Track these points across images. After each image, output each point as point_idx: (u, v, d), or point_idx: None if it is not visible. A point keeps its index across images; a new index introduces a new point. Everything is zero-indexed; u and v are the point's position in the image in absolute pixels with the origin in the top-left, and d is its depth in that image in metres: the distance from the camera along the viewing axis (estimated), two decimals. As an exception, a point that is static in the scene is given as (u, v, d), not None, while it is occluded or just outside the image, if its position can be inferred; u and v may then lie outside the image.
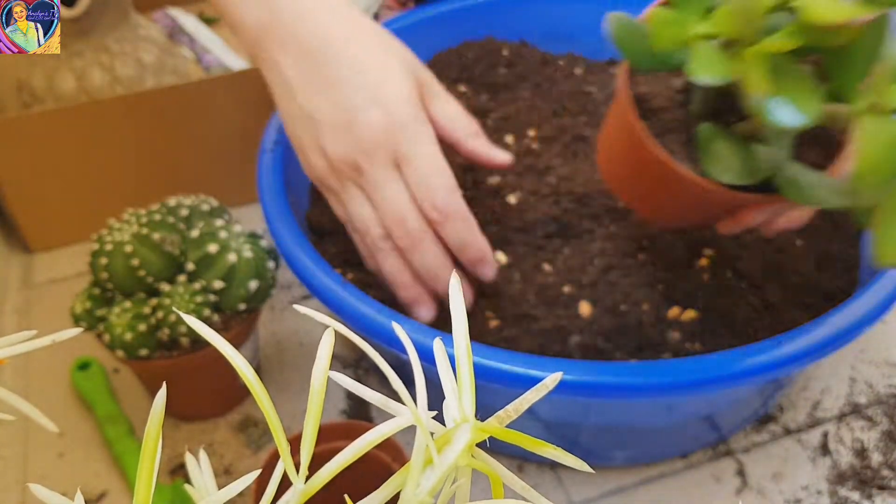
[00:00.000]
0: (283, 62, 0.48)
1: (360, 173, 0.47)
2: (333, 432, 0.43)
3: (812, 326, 0.44)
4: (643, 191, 0.46)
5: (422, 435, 0.22)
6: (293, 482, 0.22)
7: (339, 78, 0.47)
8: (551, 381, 0.25)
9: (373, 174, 0.46)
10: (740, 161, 0.39)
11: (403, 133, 0.46)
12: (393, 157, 0.46)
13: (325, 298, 0.47)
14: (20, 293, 0.70)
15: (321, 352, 0.23)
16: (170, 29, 0.96)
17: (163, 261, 0.51)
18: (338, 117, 0.46)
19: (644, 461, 0.54)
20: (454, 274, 0.27)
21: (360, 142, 0.46)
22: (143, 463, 0.22)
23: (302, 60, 0.47)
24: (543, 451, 0.24)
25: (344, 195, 0.48)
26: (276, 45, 0.48)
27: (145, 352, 0.51)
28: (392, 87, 0.47)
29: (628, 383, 0.42)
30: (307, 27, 0.47)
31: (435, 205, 0.47)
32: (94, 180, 0.71)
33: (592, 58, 0.73)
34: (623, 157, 0.45)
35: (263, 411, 0.22)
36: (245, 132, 0.70)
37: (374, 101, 0.46)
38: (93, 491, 0.54)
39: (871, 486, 0.52)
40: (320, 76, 0.47)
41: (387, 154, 0.46)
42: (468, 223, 0.48)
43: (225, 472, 0.55)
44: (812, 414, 0.57)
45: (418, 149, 0.47)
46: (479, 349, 0.43)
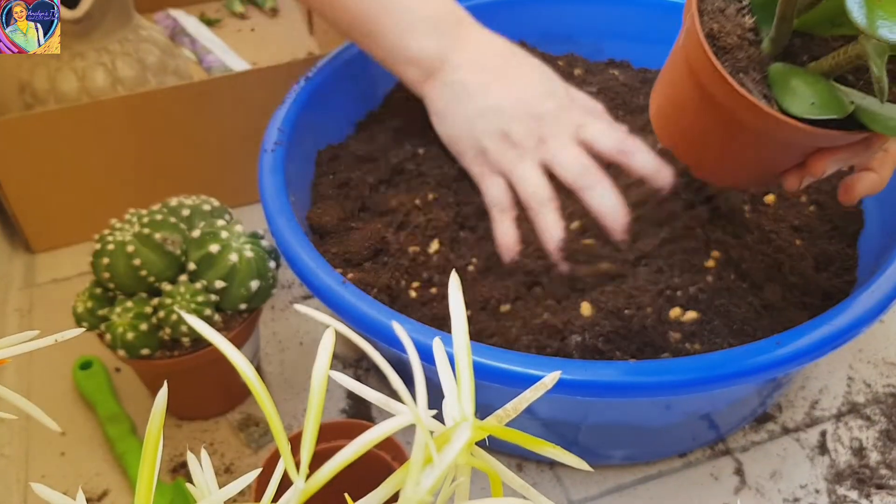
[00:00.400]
0: (461, 76, 0.58)
1: (544, 143, 0.56)
2: (334, 431, 0.43)
3: (811, 326, 0.44)
4: (707, 141, 0.45)
5: (421, 434, 0.22)
6: (294, 481, 0.22)
7: (514, 80, 0.58)
8: (550, 380, 0.25)
9: (557, 142, 0.56)
10: (822, 95, 0.38)
11: (573, 113, 0.58)
12: (572, 128, 0.57)
13: (326, 298, 0.48)
14: (22, 293, 0.70)
15: (321, 351, 0.23)
16: (171, 30, 0.96)
17: (164, 261, 0.51)
18: (523, 108, 0.57)
19: (643, 460, 0.54)
20: (453, 274, 0.27)
21: (542, 122, 0.57)
22: (145, 462, 0.22)
23: (479, 73, 0.58)
24: (542, 450, 0.25)
25: (519, 169, 0.56)
26: (451, 67, 0.58)
27: (147, 351, 0.51)
28: (556, 84, 0.59)
29: (627, 382, 0.42)
30: (480, 52, 0.59)
31: (620, 144, 0.56)
32: (96, 180, 0.71)
33: (592, 59, 0.73)
34: (686, 103, 0.44)
35: (264, 410, 0.22)
36: (246, 132, 0.70)
37: (546, 95, 0.58)
38: (94, 490, 0.54)
39: (869, 484, 0.52)
40: (497, 81, 0.58)
41: (566, 127, 0.57)
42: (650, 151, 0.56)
43: (226, 470, 0.55)
44: (810, 413, 0.57)
45: (591, 116, 0.58)
46: (479, 348, 0.44)
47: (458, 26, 0.59)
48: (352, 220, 0.59)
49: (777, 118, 0.39)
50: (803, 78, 0.39)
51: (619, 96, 0.67)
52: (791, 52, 0.40)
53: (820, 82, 0.39)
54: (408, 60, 0.59)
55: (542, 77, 0.59)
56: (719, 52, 0.40)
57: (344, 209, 0.60)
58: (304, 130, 0.61)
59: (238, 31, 1.00)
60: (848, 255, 0.56)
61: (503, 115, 0.57)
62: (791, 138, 0.40)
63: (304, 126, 0.61)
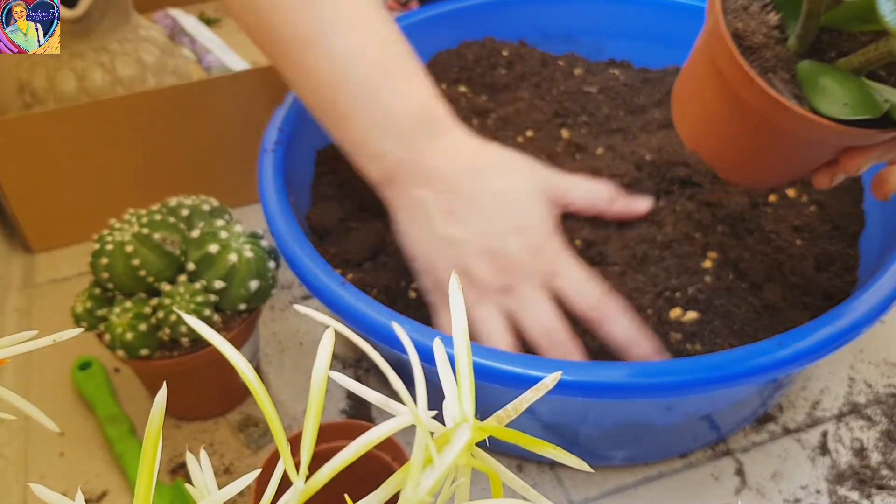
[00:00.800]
0: (423, 194, 0.51)
1: (510, 292, 0.49)
2: (333, 432, 0.43)
3: (812, 327, 0.44)
4: (737, 142, 0.44)
5: (422, 434, 0.22)
6: (293, 482, 0.22)
7: (481, 209, 0.50)
8: (551, 380, 0.25)
9: (524, 293, 0.49)
10: (854, 94, 0.37)
11: (546, 255, 0.50)
12: (542, 276, 0.49)
13: (326, 299, 0.48)
14: (21, 293, 0.70)
15: (321, 351, 0.23)
16: (170, 29, 0.96)
17: (163, 261, 0.51)
18: (486, 244, 0.49)
19: (643, 461, 0.54)
20: (453, 274, 0.27)
21: (508, 265, 0.49)
22: (144, 462, 0.22)
23: (443, 193, 0.50)
24: (543, 451, 0.24)
25: (475, 311, 0.50)
26: (414, 178, 0.51)
27: (146, 351, 0.51)
28: (531, 213, 0.51)
29: (628, 383, 0.42)
30: (447, 164, 0.51)
31: (595, 306, 0.49)
32: (95, 180, 0.71)
33: (592, 58, 0.73)
34: (714, 106, 0.43)
35: (264, 411, 0.22)
36: (246, 132, 0.70)
37: (515, 231, 0.50)
38: (93, 490, 0.54)
39: (870, 485, 0.52)
40: (462, 206, 0.50)
41: (537, 274, 0.49)
42: (631, 316, 0.49)
43: (225, 471, 0.55)
44: (811, 414, 0.57)
45: (566, 262, 0.50)
46: (479, 349, 0.43)
47: (430, 130, 0.52)
48: (351, 221, 0.59)
49: (810, 119, 0.38)
50: (833, 76, 0.38)
51: (620, 96, 0.67)
52: (818, 48, 0.39)
53: (850, 80, 0.38)
54: (369, 157, 0.53)
55: (512, 204, 0.51)
56: (746, 52, 0.39)
57: (343, 209, 0.59)
58: (304, 130, 0.61)
59: (238, 31, 1.00)
60: (849, 256, 0.56)
61: (464, 250, 0.50)
62: (824, 138, 0.40)
63: (304, 126, 0.61)
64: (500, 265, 0.49)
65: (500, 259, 0.49)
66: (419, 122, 0.52)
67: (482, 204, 0.50)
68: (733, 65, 0.39)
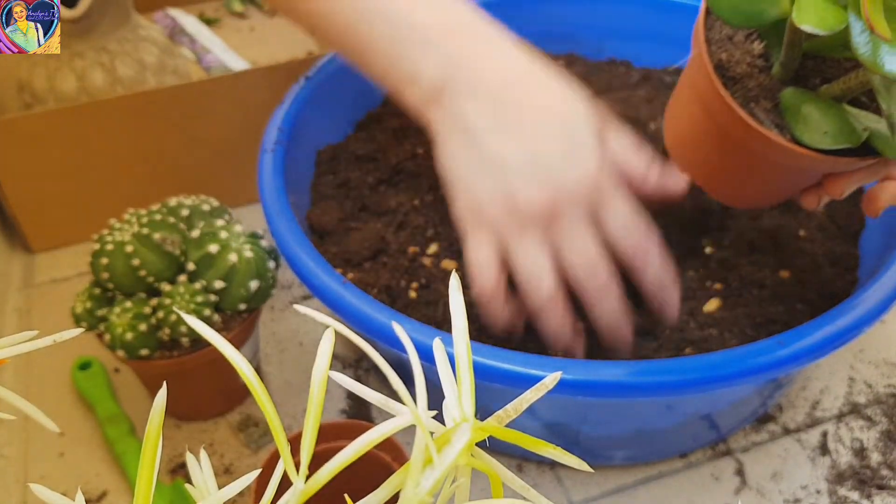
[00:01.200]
0: (468, 109, 0.46)
1: (555, 222, 0.46)
2: (333, 432, 0.43)
3: (812, 326, 0.44)
4: (724, 168, 0.44)
5: (422, 434, 0.22)
6: (293, 482, 0.22)
7: (532, 126, 0.46)
8: (551, 380, 0.25)
9: (569, 224, 0.46)
10: (834, 124, 0.37)
11: (602, 182, 0.46)
12: (591, 207, 0.46)
13: (326, 298, 0.48)
14: (21, 293, 0.70)
15: (321, 352, 0.23)
16: (170, 29, 0.96)
17: (163, 261, 0.51)
18: (535, 166, 0.45)
19: (643, 460, 0.54)
20: (454, 274, 0.27)
21: (559, 191, 0.45)
22: (144, 462, 0.22)
23: (490, 108, 0.46)
24: (543, 451, 0.24)
25: (518, 244, 0.46)
26: (459, 94, 0.47)
27: (146, 352, 0.51)
28: (584, 136, 0.46)
29: (628, 383, 0.42)
30: (493, 75, 0.47)
31: (636, 245, 0.47)
32: (95, 180, 0.71)
33: (592, 58, 0.73)
34: (697, 131, 0.43)
35: (264, 411, 0.22)
36: (245, 132, 0.70)
37: (572, 153, 0.45)
38: (93, 490, 0.54)
39: (870, 485, 0.52)
40: (511, 123, 0.46)
41: (587, 204, 0.46)
42: (668, 266, 0.48)
43: (225, 471, 0.55)
44: (811, 414, 0.57)
45: (617, 193, 0.47)
46: (480, 348, 0.44)
47: (463, 37, 0.48)
48: (351, 221, 0.59)
49: (790, 149, 0.38)
50: (815, 104, 0.38)
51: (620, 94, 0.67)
52: (803, 75, 0.40)
53: (832, 108, 0.38)
54: (403, 80, 0.49)
55: (569, 119, 0.46)
56: (729, 83, 0.39)
57: (343, 209, 0.59)
58: (305, 130, 0.61)
59: (237, 31, 1.00)
60: (850, 255, 0.56)
61: (511, 173, 0.45)
62: (806, 166, 0.40)
63: (305, 126, 0.61)
64: (551, 190, 0.45)
65: (550, 183, 0.45)
66: (450, 31, 0.47)
67: (533, 120, 0.46)
68: (715, 96, 0.39)
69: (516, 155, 0.45)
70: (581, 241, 0.46)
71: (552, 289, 0.46)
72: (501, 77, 0.47)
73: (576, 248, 0.46)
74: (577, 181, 0.45)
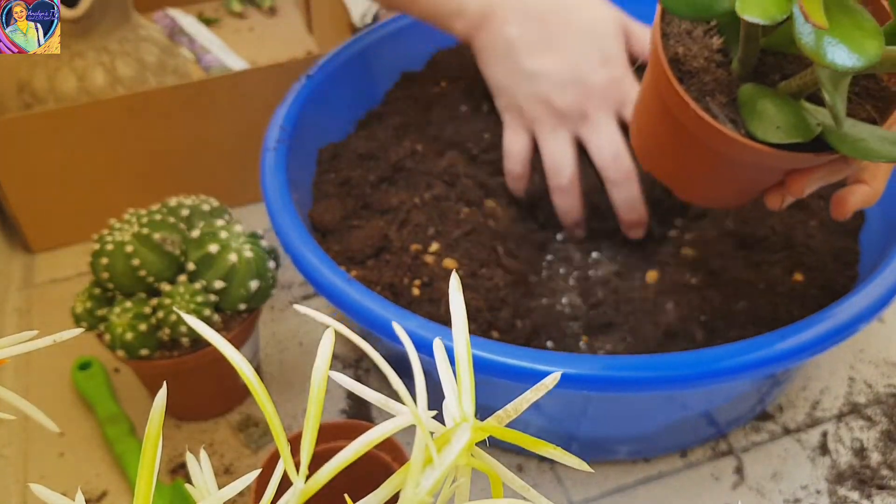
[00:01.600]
0: (510, 31, 0.55)
1: (585, 118, 0.55)
2: (333, 432, 0.43)
3: (811, 321, 0.44)
4: (682, 165, 0.44)
5: (422, 434, 0.22)
6: (293, 482, 0.22)
7: (570, 44, 0.55)
8: (551, 380, 0.25)
9: (598, 119, 0.55)
10: (788, 118, 0.37)
11: (624, 86, 0.55)
12: (617, 104, 0.55)
13: (331, 295, 0.48)
14: (21, 293, 0.70)
15: (321, 351, 0.23)
16: (169, 29, 0.96)
17: (163, 261, 0.51)
18: (569, 74, 0.54)
19: (640, 455, 0.54)
20: (454, 274, 0.27)
21: (591, 94, 0.54)
22: (144, 462, 0.22)
23: (529, 28, 0.55)
24: (543, 451, 0.24)
25: (550, 138, 0.56)
26: (501, 18, 0.55)
27: (146, 352, 0.51)
28: (612, 48, 0.55)
29: (628, 377, 0.42)
30: (534, 2, 0.55)
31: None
32: (95, 180, 0.71)
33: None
34: (659, 127, 0.44)
35: (264, 411, 0.22)
36: (245, 132, 0.70)
37: (601, 62, 0.54)
38: (93, 490, 0.54)
39: (870, 485, 0.52)
40: (548, 39, 0.55)
41: (613, 103, 0.55)
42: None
43: (225, 471, 0.55)
44: (811, 414, 0.57)
45: (635, 91, 0.55)
46: (482, 343, 0.44)
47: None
48: (353, 219, 0.59)
49: (743, 143, 0.38)
50: (772, 100, 0.38)
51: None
52: (762, 71, 0.40)
53: (788, 104, 0.38)
54: (450, 14, 0.57)
55: (599, 36, 0.55)
56: (685, 76, 0.40)
57: (345, 207, 0.60)
58: (306, 128, 0.61)
59: (236, 31, 1.00)
60: (850, 250, 0.56)
61: (549, 82, 0.55)
62: (761, 161, 0.40)
63: (306, 124, 0.61)
64: (583, 93, 0.54)
65: (583, 88, 0.54)
66: None
67: (570, 37, 0.55)
68: (670, 89, 0.39)
69: (556, 67, 0.55)
70: (607, 134, 0.55)
71: (573, 174, 0.56)
72: (541, 2, 0.56)
73: (604, 139, 0.55)
74: (605, 86, 0.54)
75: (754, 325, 0.50)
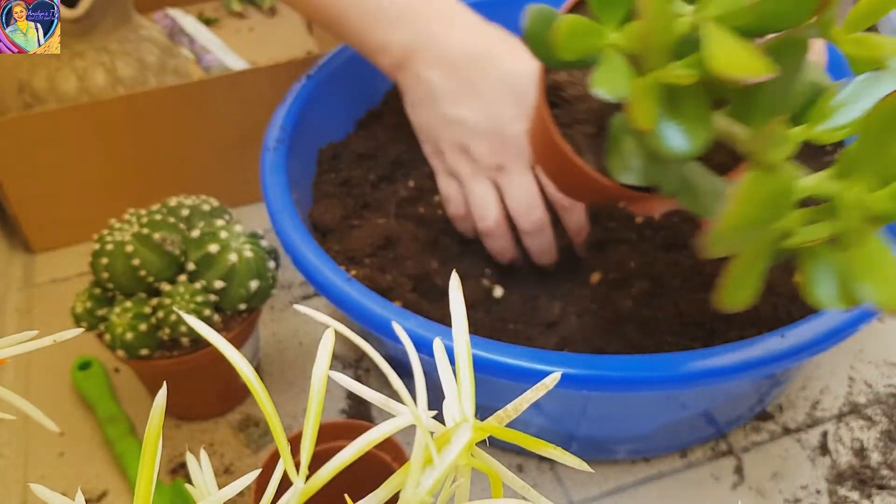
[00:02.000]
0: (431, 75, 0.54)
1: (501, 168, 0.55)
2: (333, 432, 0.43)
3: (811, 321, 0.44)
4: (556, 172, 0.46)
5: (422, 434, 0.22)
6: (293, 481, 0.22)
7: (485, 89, 0.54)
8: (551, 380, 0.25)
9: (513, 170, 0.54)
10: (644, 160, 0.38)
11: None
12: (531, 160, 0.54)
13: (331, 295, 0.48)
14: (21, 293, 0.70)
15: (321, 351, 0.23)
16: (169, 29, 0.96)
17: (163, 261, 0.51)
18: (486, 124, 0.54)
19: (641, 455, 0.54)
20: (454, 274, 0.27)
21: (506, 145, 0.54)
22: (144, 462, 0.22)
23: (450, 74, 0.54)
24: (543, 451, 0.24)
25: (471, 184, 0.56)
26: (423, 60, 0.54)
27: (146, 351, 0.51)
28: (527, 101, 0.52)
29: (628, 377, 0.42)
30: (454, 46, 0.54)
31: (557, 198, 0.56)
32: (96, 180, 0.71)
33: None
34: (537, 139, 0.45)
35: (264, 411, 0.22)
36: (245, 132, 0.70)
37: (518, 114, 0.53)
38: (93, 490, 0.54)
39: (870, 485, 0.52)
40: (467, 87, 0.54)
41: (529, 155, 0.54)
42: (584, 212, 0.57)
43: (225, 471, 0.55)
44: (811, 413, 0.57)
45: None
46: (481, 343, 0.44)
47: (430, 14, 0.55)
48: (353, 218, 0.59)
49: (592, 177, 0.40)
50: (635, 137, 0.38)
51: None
52: None
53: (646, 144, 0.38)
54: (376, 49, 0.56)
55: (518, 88, 0.53)
56: (561, 102, 0.41)
57: (345, 207, 0.60)
58: (306, 128, 0.61)
59: (236, 31, 1.00)
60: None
61: (467, 130, 0.54)
62: (612, 193, 0.41)
63: (306, 124, 0.61)
64: (499, 144, 0.54)
65: (499, 139, 0.54)
66: (416, 8, 0.55)
67: (490, 86, 0.54)
68: (541, 112, 0.41)
69: (474, 116, 0.54)
70: (519, 188, 0.55)
71: (498, 217, 0.56)
72: (462, 52, 0.54)
73: (515, 193, 0.55)
74: (521, 138, 0.53)
75: (754, 325, 0.50)
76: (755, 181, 0.30)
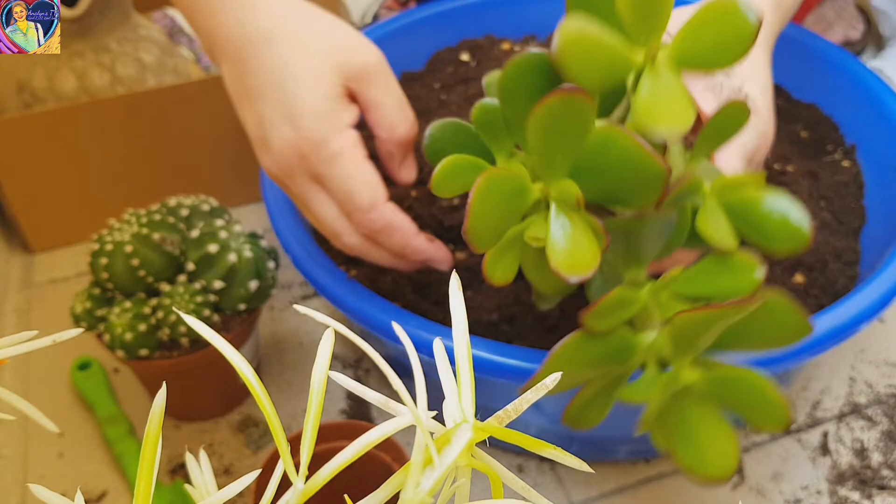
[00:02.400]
0: (223, 70, 0.45)
1: (287, 189, 0.45)
2: (333, 432, 0.43)
3: (811, 321, 0.44)
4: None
5: (422, 435, 0.22)
6: (293, 482, 0.22)
7: (257, 88, 0.43)
8: (551, 381, 0.25)
9: (297, 191, 0.44)
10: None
11: (316, 152, 0.42)
12: (310, 174, 0.43)
13: (331, 295, 0.48)
14: (21, 293, 0.70)
15: (321, 352, 0.23)
16: (169, 29, 0.96)
17: (163, 261, 0.51)
18: (258, 133, 0.44)
19: (641, 455, 0.54)
20: (454, 274, 0.27)
21: (277, 161, 0.43)
22: (144, 463, 0.22)
23: (233, 66, 0.44)
24: (543, 451, 0.24)
25: (291, 189, 0.46)
26: (219, 53, 0.44)
27: (145, 352, 0.51)
28: (308, 96, 0.42)
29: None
30: (235, 28, 0.43)
31: (361, 223, 0.44)
32: (95, 180, 0.71)
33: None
34: None
35: (263, 411, 0.22)
36: (245, 132, 0.70)
37: (286, 117, 0.42)
38: (93, 491, 0.54)
39: (870, 486, 0.52)
40: (244, 86, 0.43)
41: (304, 172, 0.43)
42: (402, 233, 0.45)
43: (225, 472, 0.55)
44: (812, 414, 0.57)
45: (332, 168, 0.43)
46: (481, 343, 0.44)
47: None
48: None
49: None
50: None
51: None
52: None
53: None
54: (205, 46, 0.46)
55: (293, 81, 0.42)
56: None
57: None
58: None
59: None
60: (851, 250, 0.55)
61: (252, 138, 0.45)
62: None
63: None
64: (272, 157, 0.43)
65: (270, 151, 0.43)
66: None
67: (259, 82, 0.42)
68: None
69: (249, 120, 0.44)
70: (312, 208, 0.44)
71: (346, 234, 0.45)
72: (245, 32, 0.43)
73: (311, 213, 0.45)
74: (285, 150, 0.42)
75: None
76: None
